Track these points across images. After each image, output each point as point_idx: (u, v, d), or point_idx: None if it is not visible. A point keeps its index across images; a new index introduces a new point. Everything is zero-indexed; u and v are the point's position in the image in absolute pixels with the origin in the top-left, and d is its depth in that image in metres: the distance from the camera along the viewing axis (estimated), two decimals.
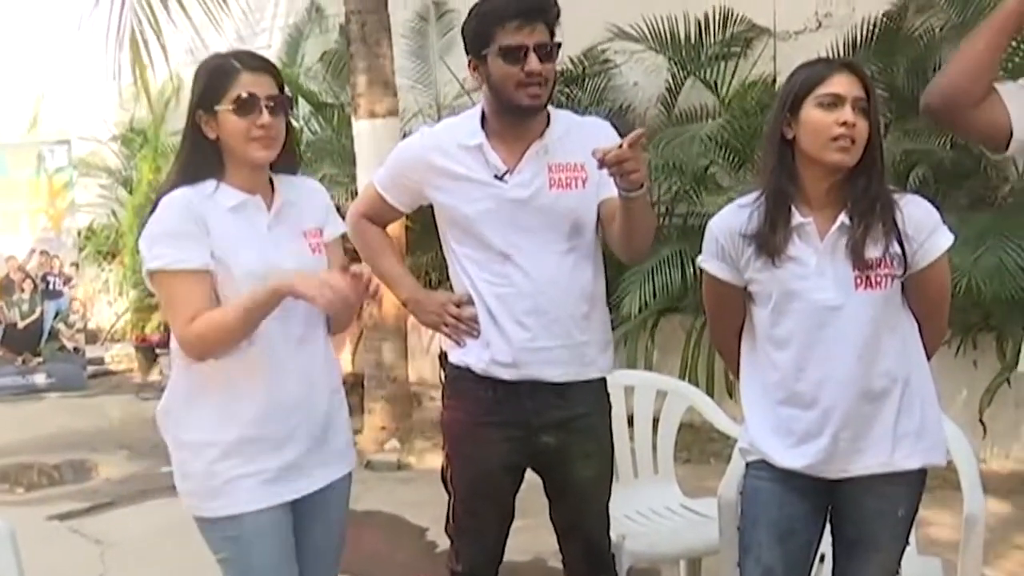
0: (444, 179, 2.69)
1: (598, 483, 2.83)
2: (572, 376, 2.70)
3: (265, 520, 2.39)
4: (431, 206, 2.81)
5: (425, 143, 2.77)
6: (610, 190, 2.63)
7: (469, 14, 2.68)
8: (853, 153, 2.29)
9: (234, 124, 2.33)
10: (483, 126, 2.69)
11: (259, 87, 2.35)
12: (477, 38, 2.63)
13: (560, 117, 2.74)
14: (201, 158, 2.39)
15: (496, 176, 2.65)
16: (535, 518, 2.93)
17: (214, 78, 2.36)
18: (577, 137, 2.69)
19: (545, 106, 2.65)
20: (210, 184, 2.37)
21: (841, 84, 2.30)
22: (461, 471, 2.79)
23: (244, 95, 2.32)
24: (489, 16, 2.61)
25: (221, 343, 2.31)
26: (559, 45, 2.63)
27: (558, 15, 2.64)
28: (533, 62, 2.55)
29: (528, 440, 2.71)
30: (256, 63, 2.39)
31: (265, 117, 2.33)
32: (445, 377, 2.83)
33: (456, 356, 2.75)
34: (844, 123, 2.27)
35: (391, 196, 2.83)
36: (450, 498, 2.84)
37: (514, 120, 2.65)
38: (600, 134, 2.72)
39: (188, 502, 2.44)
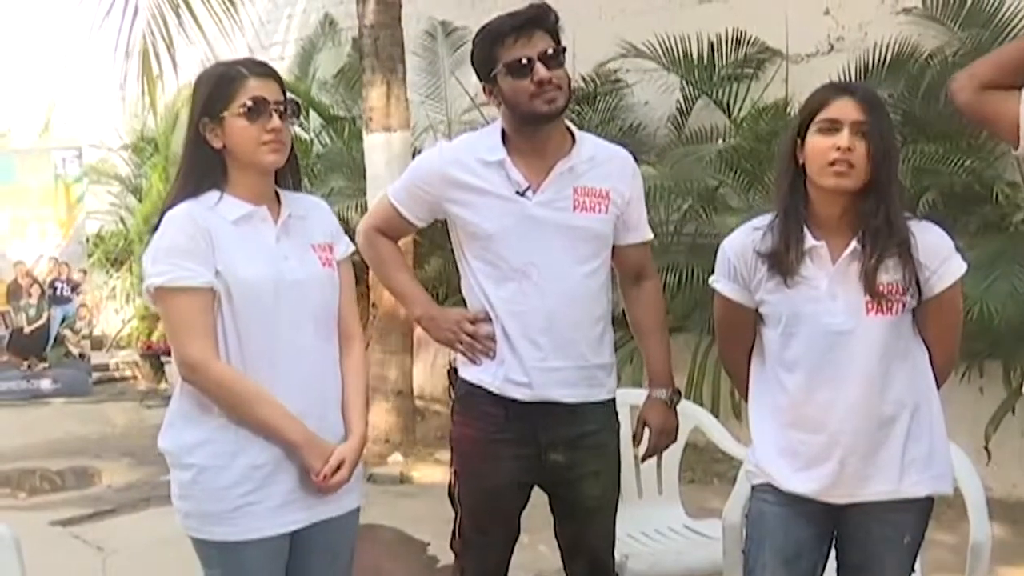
0: (464, 193, 2.68)
1: (605, 501, 2.83)
2: (582, 398, 2.70)
3: (268, 548, 2.35)
4: (442, 220, 2.82)
5: (444, 157, 2.76)
6: (632, 236, 2.77)
7: (473, 43, 2.69)
8: (852, 177, 2.29)
9: (243, 130, 2.31)
10: (504, 143, 2.69)
11: (267, 91, 2.33)
12: (484, 62, 2.65)
13: (586, 140, 2.74)
14: (204, 168, 2.36)
15: (518, 192, 2.64)
16: (537, 535, 2.92)
17: (220, 85, 2.33)
18: (605, 164, 2.73)
19: (563, 111, 2.65)
20: (213, 195, 2.34)
21: (840, 109, 2.31)
22: (470, 487, 2.78)
23: (253, 100, 2.30)
24: (488, 38, 2.63)
25: (216, 399, 2.30)
26: (564, 49, 2.63)
27: (556, 19, 2.65)
28: (541, 71, 2.56)
29: (538, 458, 2.70)
30: (261, 69, 2.38)
31: (275, 121, 2.32)
32: (455, 393, 2.82)
33: (470, 373, 2.74)
34: (839, 148, 2.27)
35: (406, 210, 2.81)
36: (457, 514, 2.83)
37: (535, 133, 2.65)
38: (626, 169, 2.78)
39: (187, 523, 2.38)
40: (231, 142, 2.33)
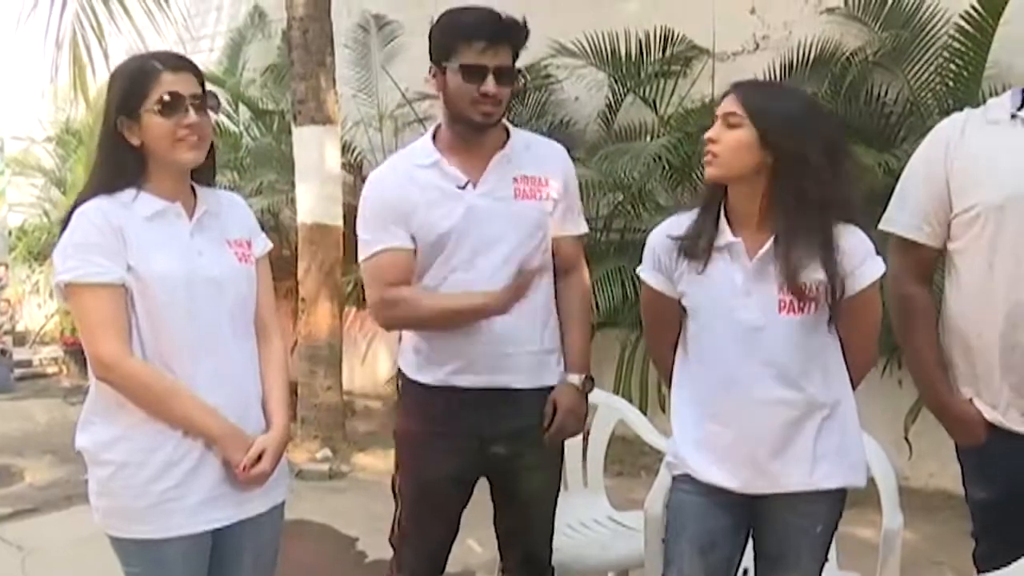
0: (414, 203, 2.64)
1: (545, 494, 2.86)
2: (534, 383, 2.71)
3: (189, 545, 2.32)
4: None
5: (391, 183, 2.70)
6: (567, 229, 2.79)
7: (439, 20, 2.64)
8: (716, 166, 2.35)
9: (159, 126, 2.25)
10: (435, 143, 2.68)
11: (182, 86, 2.27)
12: (441, 48, 2.60)
13: (519, 132, 2.75)
14: (121, 166, 2.29)
15: (459, 187, 2.63)
16: (468, 531, 2.92)
17: (135, 80, 2.27)
18: (539, 153, 2.74)
19: (497, 123, 2.65)
20: (129, 193, 2.29)
21: (723, 105, 2.36)
22: (410, 481, 2.79)
23: (168, 95, 2.24)
24: (457, 30, 2.58)
25: (132, 396, 2.26)
26: (519, 70, 2.64)
27: (526, 37, 2.64)
28: (490, 84, 2.55)
29: (480, 452, 2.71)
30: (177, 62, 2.31)
31: (191, 116, 2.26)
32: (400, 387, 2.83)
33: (416, 372, 2.73)
34: (710, 139, 2.36)
35: (397, 240, 2.65)
36: (397, 507, 2.84)
37: (466, 132, 2.64)
38: (561, 160, 2.79)
39: (107, 521, 2.33)
40: (148, 139, 2.27)
